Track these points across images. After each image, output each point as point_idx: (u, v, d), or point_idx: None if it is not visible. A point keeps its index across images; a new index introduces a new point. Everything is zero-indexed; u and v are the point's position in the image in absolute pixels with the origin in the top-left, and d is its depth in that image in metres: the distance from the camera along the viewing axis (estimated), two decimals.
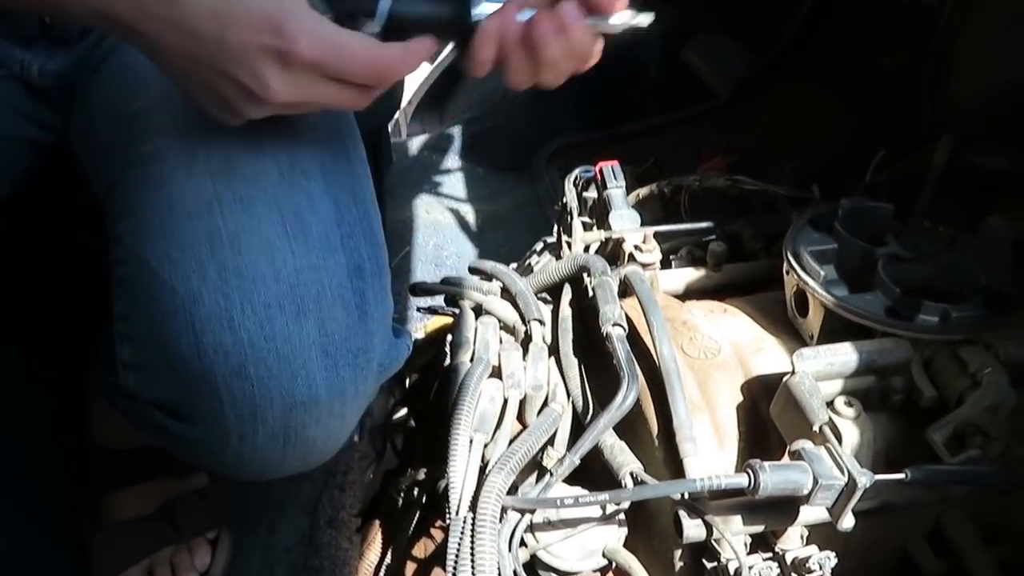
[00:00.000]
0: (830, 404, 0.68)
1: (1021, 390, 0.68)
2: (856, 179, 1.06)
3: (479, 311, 0.92)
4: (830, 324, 0.75)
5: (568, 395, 0.80)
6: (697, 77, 1.61)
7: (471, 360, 0.83)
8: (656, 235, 0.91)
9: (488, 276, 0.95)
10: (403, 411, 1.05)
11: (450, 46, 0.66)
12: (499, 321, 0.89)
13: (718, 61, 1.58)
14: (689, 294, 0.95)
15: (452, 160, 1.77)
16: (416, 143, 1.83)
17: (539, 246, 1.14)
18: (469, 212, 1.69)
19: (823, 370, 0.69)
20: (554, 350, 0.84)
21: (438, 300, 1.02)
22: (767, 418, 0.72)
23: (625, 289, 0.84)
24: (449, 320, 0.99)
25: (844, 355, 0.69)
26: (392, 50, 0.59)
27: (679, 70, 1.77)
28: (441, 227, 1.65)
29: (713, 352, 0.78)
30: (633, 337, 0.78)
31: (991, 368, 0.67)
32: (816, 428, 0.65)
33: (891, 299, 0.73)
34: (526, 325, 0.87)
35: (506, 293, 0.92)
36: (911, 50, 1.34)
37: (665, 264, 0.98)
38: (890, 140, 1.17)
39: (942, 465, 0.65)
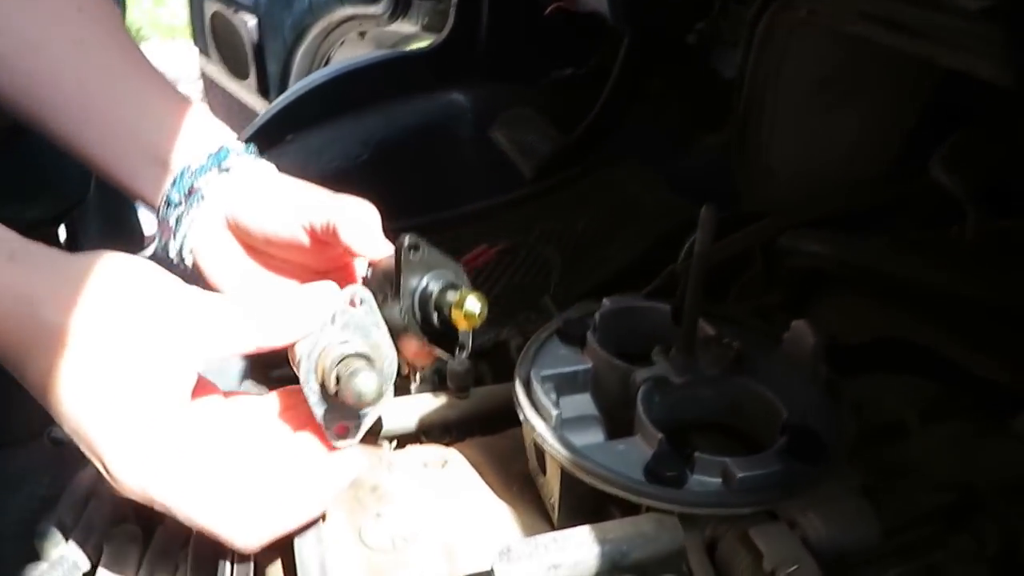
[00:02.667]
0: None
1: None
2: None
3: None
4: (573, 490, 0.50)
5: None
6: (504, 156, 1.42)
7: None
8: None
9: None
10: None
11: None
12: None
13: (524, 140, 1.39)
14: (428, 431, 0.68)
15: None
16: None
17: None
18: None
19: None
20: None
21: None
22: None
23: None
24: None
25: (574, 550, 0.44)
26: None
27: (490, 150, 1.56)
28: None
29: (407, 539, 0.51)
30: None
31: (796, 565, 0.42)
32: None
33: (652, 449, 0.48)
34: None
35: None
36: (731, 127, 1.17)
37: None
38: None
39: None
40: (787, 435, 0.48)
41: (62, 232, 0.95)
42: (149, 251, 0.59)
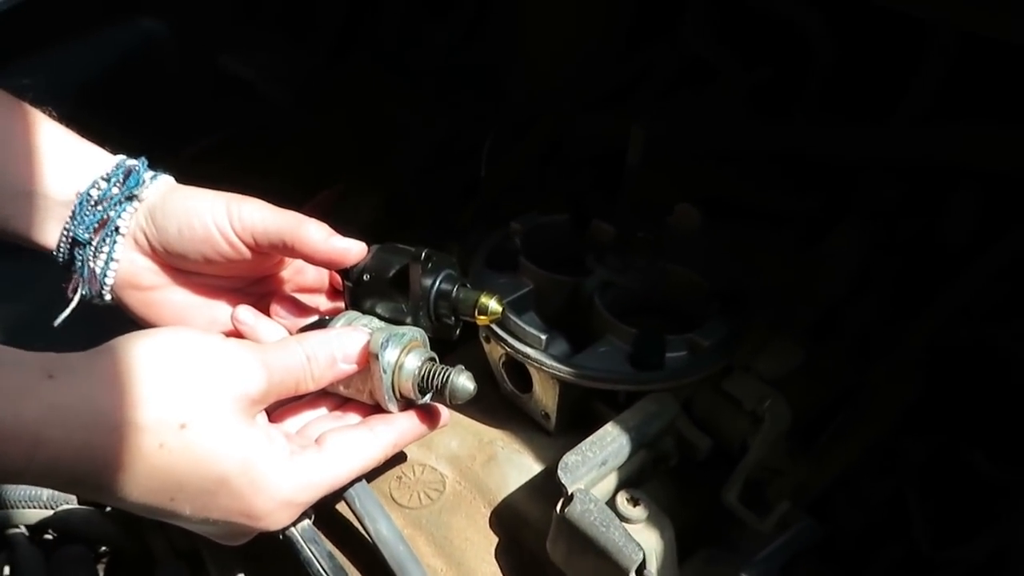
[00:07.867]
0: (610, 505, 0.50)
1: None
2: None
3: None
4: (570, 397, 0.57)
5: None
6: (247, 85, 1.32)
7: None
8: None
9: None
10: None
11: None
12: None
13: (266, 63, 1.30)
14: None
15: None
16: None
17: None
18: None
19: (597, 475, 0.51)
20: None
21: None
22: (542, 558, 0.51)
23: None
24: None
25: (613, 444, 0.51)
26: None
27: (221, 79, 1.43)
28: None
29: (436, 488, 0.55)
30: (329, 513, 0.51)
31: (770, 399, 0.54)
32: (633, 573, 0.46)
33: (627, 344, 0.56)
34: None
35: None
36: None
37: None
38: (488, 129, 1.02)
39: (771, 546, 0.51)
40: (717, 300, 0.59)
41: None
42: (75, 300, 0.52)
